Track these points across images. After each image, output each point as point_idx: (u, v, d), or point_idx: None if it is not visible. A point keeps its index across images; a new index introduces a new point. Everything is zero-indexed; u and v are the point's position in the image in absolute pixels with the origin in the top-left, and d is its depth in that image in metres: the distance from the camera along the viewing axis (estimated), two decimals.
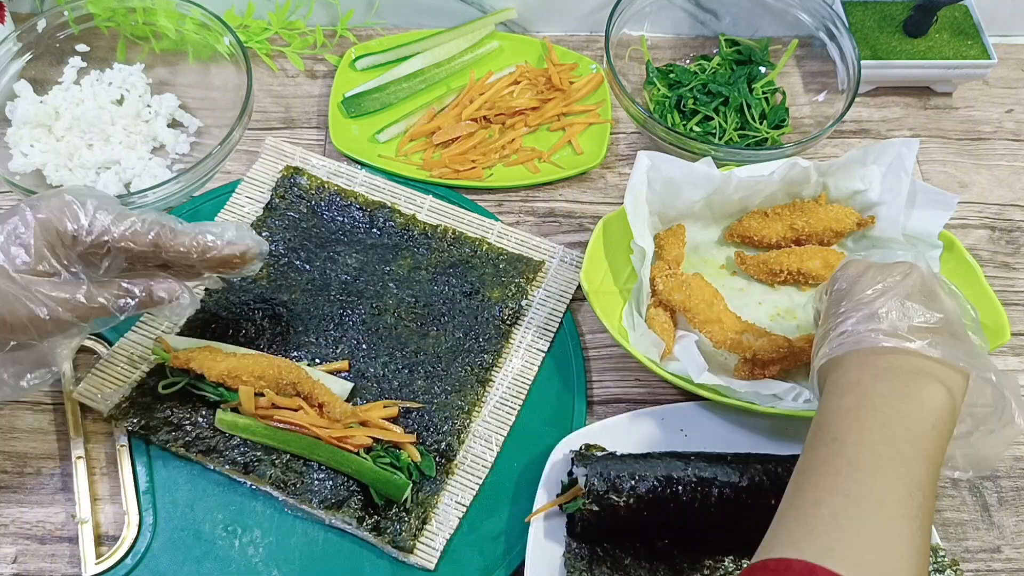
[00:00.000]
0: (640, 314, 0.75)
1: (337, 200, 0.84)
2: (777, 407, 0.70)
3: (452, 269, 0.80)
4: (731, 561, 0.66)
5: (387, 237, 0.82)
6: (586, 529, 0.65)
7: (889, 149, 0.79)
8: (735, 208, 0.82)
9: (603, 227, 0.77)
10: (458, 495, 0.70)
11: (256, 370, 0.69)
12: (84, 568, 0.65)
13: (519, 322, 0.79)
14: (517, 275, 0.80)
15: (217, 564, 0.67)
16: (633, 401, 0.77)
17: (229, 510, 0.69)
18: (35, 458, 0.71)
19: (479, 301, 0.79)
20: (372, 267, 0.80)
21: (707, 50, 0.99)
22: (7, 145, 0.84)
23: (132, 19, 0.90)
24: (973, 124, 0.98)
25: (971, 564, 0.71)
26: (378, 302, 0.78)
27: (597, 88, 0.95)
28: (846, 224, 0.80)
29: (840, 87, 0.91)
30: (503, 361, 0.77)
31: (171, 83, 0.92)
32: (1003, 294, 0.84)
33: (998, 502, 0.74)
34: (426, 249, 0.81)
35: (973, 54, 0.95)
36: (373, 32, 0.99)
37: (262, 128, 0.91)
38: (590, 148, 0.91)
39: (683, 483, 0.64)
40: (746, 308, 0.80)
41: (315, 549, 0.68)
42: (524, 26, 1.01)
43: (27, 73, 0.88)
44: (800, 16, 0.95)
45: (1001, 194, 0.92)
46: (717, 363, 0.76)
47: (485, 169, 0.88)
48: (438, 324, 0.77)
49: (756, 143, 0.91)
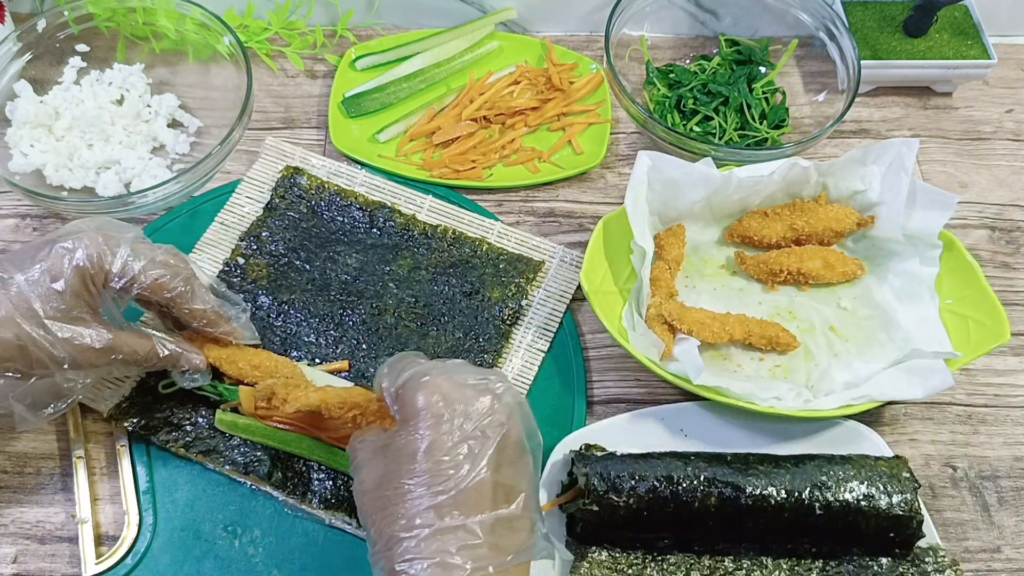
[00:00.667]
0: (640, 314, 0.75)
1: (337, 200, 0.84)
2: (777, 407, 0.70)
3: (452, 269, 0.80)
4: (731, 561, 0.66)
5: (387, 237, 0.82)
6: (586, 529, 0.66)
7: (889, 149, 0.79)
8: (735, 208, 0.82)
9: (603, 227, 0.77)
10: None
11: (254, 360, 0.69)
12: (84, 568, 0.65)
13: (519, 322, 0.79)
14: (517, 275, 0.80)
15: (217, 564, 0.67)
16: (633, 401, 0.77)
17: (229, 510, 0.69)
18: (35, 458, 0.71)
19: (479, 301, 0.79)
20: (372, 267, 0.80)
21: (707, 50, 0.99)
22: (7, 145, 0.84)
23: (132, 19, 0.90)
24: (973, 124, 0.98)
25: (971, 564, 0.71)
26: (378, 302, 0.78)
27: (597, 88, 0.95)
28: (846, 224, 0.80)
29: (840, 87, 0.91)
30: (503, 361, 0.77)
31: (171, 83, 0.92)
32: (1003, 294, 0.83)
33: (998, 502, 0.74)
34: (426, 249, 0.81)
35: (973, 54, 0.95)
36: (373, 32, 0.99)
37: (262, 128, 0.91)
38: (590, 148, 0.91)
39: (683, 483, 0.64)
40: (746, 308, 0.80)
41: (315, 549, 0.68)
42: (524, 26, 1.01)
43: (27, 73, 0.88)
44: (800, 16, 0.95)
45: (1001, 194, 0.92)
46: (717, 364, 0.76)
47: (485, 169, 0.88)
48: (438, 324, 0.77)
49: (756, 143, 0.91)
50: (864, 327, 0.79)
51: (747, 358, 0.77)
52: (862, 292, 0.81)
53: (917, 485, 0.66)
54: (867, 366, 0.75)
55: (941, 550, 0.67)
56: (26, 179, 0.83)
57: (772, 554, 0.66)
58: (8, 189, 0.81)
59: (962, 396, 0.79)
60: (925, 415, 0.78)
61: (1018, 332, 0.83)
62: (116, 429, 0.71)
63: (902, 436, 0.77)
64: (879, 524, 0.65)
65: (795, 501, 0.64)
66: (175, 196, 0.81)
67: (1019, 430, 0.78)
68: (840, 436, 0.73)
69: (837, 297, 0.81)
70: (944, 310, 0.77)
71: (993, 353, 0.76)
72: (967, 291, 0.76)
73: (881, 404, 0.72)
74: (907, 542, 0.66)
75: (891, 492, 0.65)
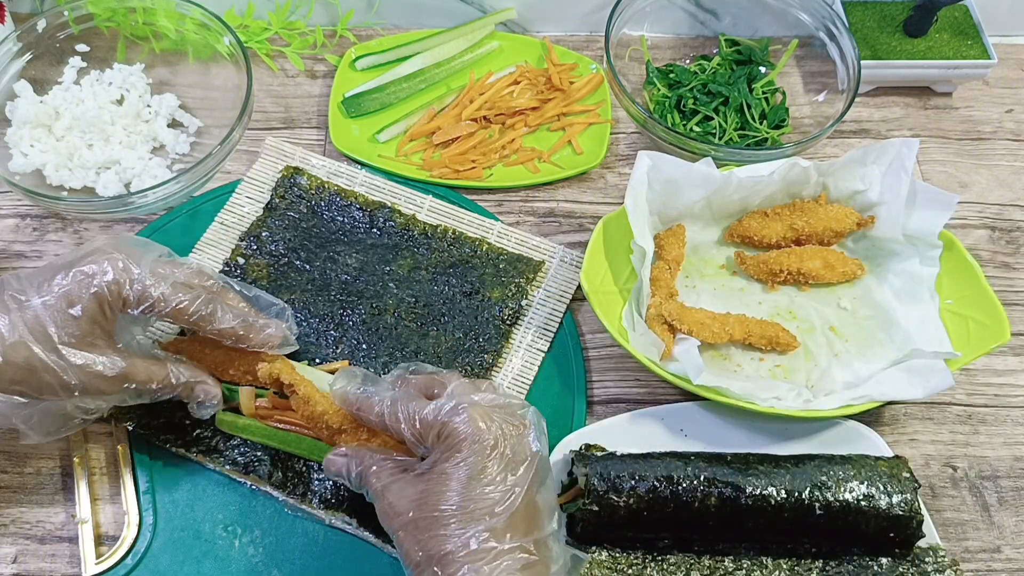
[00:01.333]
0: (640, 314, 0.75)
1: (337, 200, 0.84)
2: (777, 407, 0.70)
3: (452, 269, 0.80)
4: (731, 561, 0.66)
5: (387, 237, 0.82)
6: (586, 529, 0.66)
7: (889, 149, 0.79)
8: (735, 208, 0.82)
9: (603, 227, 0.77)
10: None
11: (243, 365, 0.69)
12: (84, 568, 0.65)
13: (519, 322, 0.79)
14: (517, 275, 0.80)
15: (217, 564, 0.67)
16: (633, 401, 0.77)
17: (229, 510, 0.69)
18: (35, 458, 0.71)
19: (479, 301, 0.79)
20: (372, 267, 0.80)
21: (707, 50, 0.99)
22: (7, 145, 0.84)
23: (132, 19, 0.90)
24: (973, 124, 0.98)
25: (971, 564, 0.71)
26: (378, 302, 0.78)
27: (597, 88, 0.95)
28: (846, 224, 0.80)
29: (840, 87, 0.91)
30: (503, 361, 0.77)
31: (171, 83, 0.92)
32: (1003, 294, 0.83)
33: (998, 502, 0.74)
34: (426, 249, 0.81)
35: (973, 54, 0.95)
36: (373, 32, 0.99)
37: (262, 128, 0.91)
38: (590, 148, 0.91)
39: (683, 483, 0.64)
40: (746, 308, 0.80)
41: (315, 549, 0.68)
42: (524, 26, 1.01)
43: (27, 73, 0.88)
44: (800, 16, 0.95)
45: (1001, 194, 0.92)
46: (717, 364, 0.76)
47: (485, 169, 0.88)
48: (438, 324, 0.77)
49: (756, 143, 0.91)
50: (864, 327, 0.79)
51: (747, 358, 0.77)
52: (862, 292, 0.81)
53: (917, 485, 0.66)
54: (867, 366, 0.75)
55: (941, 550, 0.67)
56: (26, 179, 0.83)
57: (772, 554, 0.66)
58: (8, 189, 0.81)
59: (962, 396, 0.79)
60: (925, 415, 0.78)
61: (1018, 332, 0.83)
62: (116, 429, 0.71)
63: (902, 436, 0.77)
64: (879, 524, 0.65)
65: (795, 501, 0.64)
66: (175, 196, 0.81)
67: (1019, 430, 0.78)
68: (840, 436, 0.73)
69: (837, 297, 0.81)
70: (944, 310, 0.77)
71: (993, 353, 0.76)
72: (967, 291, 0.76)
73: (881, 404, 0.72)
74: (907, 542, 0.66)
75: (891, 492, 0.65)
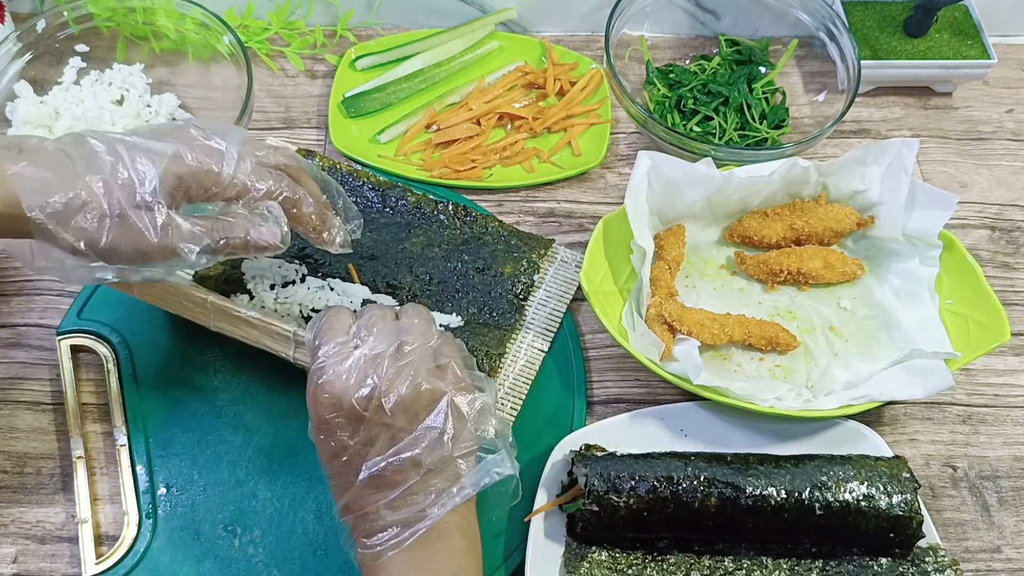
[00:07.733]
0: (640, 314, 0.75)
1: (349, 180, 0.83)
2: (777, 407, 0.70)
3: (465, 246, 0.80)
4: (731, 561, 0.66)
5: (400, 216, 0.82)
6: (586, 529, 0.66)
7: (889, 149, 0.79)
8: (735, 208, 0.82)
9: (603, 227, 0.77)
10: None
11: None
12: (84, 568, 0.65)
13: (531, 296, 0.79)
14: (529, 250, 0.80)
15: (217, 564, 0.67)
16: (633, 401, 0.77)
17: (229, 510, 0.69)
18: (35, 458, 0.71)
19: (492, 276, 0.79)
20: (386, 245, 0.80)
21: (707, 50, 0.99)
22: None
23: (132, 19, 0.90)
24: (973, 124, 0.98)
25: (971, 564, 0.71)
26: (393, 280, 0.78)
27: (597, 88, 0.95)
28: (846, 224, 0.80)
29: (840, 87, 0.91)
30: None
31: (171, 83, 0.92)
32: (1003, 294, 0.84)
33: (998, 502, 0.74)
34: (438, 226, 0.81)
35: (973, 54, 0.96)
36: (373, 32, 0.99)
37: (262, 128, 0.91)
38: (590, 148, 0.91)
39: (683, 483, 0.64)
40: (746, 308, 0.80)
41: (315, 549, 0.68)
42: (524, 26, 1.01)
43: (27, 73, 0.88)
44: (800, 16, 0.95)
45: (1001, 194, 0.92)
46: (717, 364, 0.76)
47: (485, 169, 0.89)
48: (452, 300, 0.77)
49: (756, 143, 0.91)
50: (864, 327, 0.79)
51: (747, 358, 0.77)
52: (862, 292, 0.81)
53: (917, 485, 0.66)
54: (867, 366, 0.75)
55: (941, 550, 0.67)
56: None
57: (772, 554, 0.66)
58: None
59: (962, 396, 0.79)
60: (925, 415, 0.78)
61: (1018, 332, 0.83)
62: (116, 429, 0.71)
63: (902, 436, 0.77)
64: (879, 524, 0.65)
65: (795, 501, 0.64)
66: None
67: (1019, 430, 0.78)
68: (840, 436, 0.73)
69: (837, 297, 0.81)
70: (944, 310, 0.77)
71: (993, 353, 0.76)
72: (967, 291, 0.76)
73: (881, 404, 0.72)
74: (907, 542, 0.66)
75: (891, 492, 0.65)
